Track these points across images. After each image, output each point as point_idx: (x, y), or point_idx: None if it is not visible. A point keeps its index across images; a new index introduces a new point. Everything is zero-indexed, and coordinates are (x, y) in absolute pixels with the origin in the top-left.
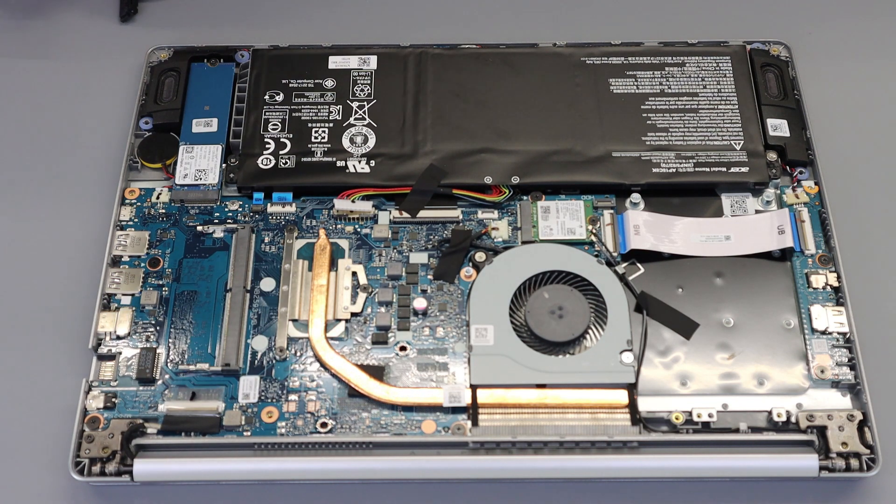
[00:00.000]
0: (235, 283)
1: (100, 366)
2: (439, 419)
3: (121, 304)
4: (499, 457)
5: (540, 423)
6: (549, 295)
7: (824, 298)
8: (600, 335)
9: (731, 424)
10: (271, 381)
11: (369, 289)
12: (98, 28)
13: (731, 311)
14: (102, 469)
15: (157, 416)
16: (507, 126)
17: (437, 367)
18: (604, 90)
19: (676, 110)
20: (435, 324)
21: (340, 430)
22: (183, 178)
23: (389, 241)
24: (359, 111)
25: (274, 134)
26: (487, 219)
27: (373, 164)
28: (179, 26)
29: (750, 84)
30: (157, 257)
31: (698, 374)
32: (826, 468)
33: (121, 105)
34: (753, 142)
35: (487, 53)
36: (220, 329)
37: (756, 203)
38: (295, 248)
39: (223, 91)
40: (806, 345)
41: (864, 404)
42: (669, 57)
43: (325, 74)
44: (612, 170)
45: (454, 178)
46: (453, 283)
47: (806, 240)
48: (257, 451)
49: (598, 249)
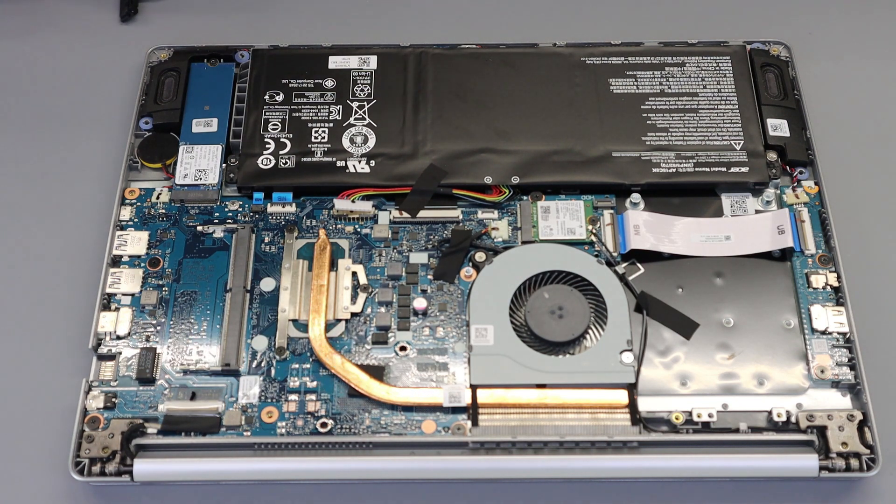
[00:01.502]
0: (235, 283)
1: (100, 366)
2: (439, 419)
3: (121, 304)
4: (499, 457)
5: (540, 423)
6: (549, 295)
7: (824, 298)
8: (600, 335)
9: (731, 424)
10: (271, 381)
11: (369, 289)
12: (98, 28)
13: (731, 311)
14: (102, 469)
15: (157, 416)
16: (507, 126)
17: (437, 367)
18: (604, 90)
19: (676, 110)
20: (435, 324)
21: (340, 430)
22: (183, 178)
23: (389, 241)
24: (359, 111)
25: (274, 134)
26: (487, 219)
27: (373, 164)
28: (179, 26)
29: (750, 84)
30: (157, 257)
31: (698, 374)
32: (826, 468)
33: (121, 105)
34: (753, 142)
35: (487, 53)
36: (220, 329)
37: (756, 203)
38: (295, 248)
39: (223, 91)
40: (806, 345)
41: (864, 404)
42: (669, 57)
43: (325, 74)
44: (612, 170)
45: (454, 178)
46: (453, 283)
47: (806, 240)
48: (257, 451)
49: (598, 249)
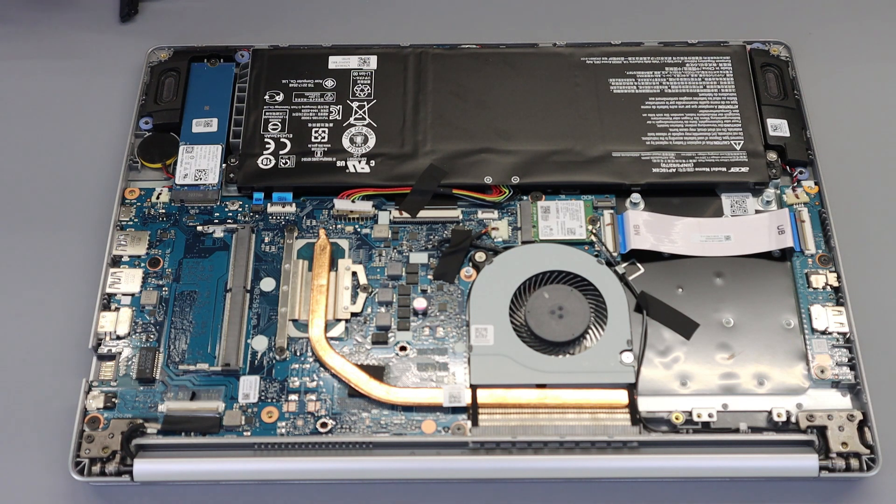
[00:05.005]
0: (235, 283)
1: (100, 366)
2: (439, 419)
3: (121, 304)
4: (499, 457)
5: (540, 423)
6: (549, 295)
7: (824, 298)
8: (600, 335)
9: (731, 424)
10: (271, 381)
11: (369, 289)
12: (98, 28)
13: (731, 311)
14: (102, 469)
15: (157, 416)
16: (507, 126)
17: (437, 367)
18: (604, 90)
19: (676, 110)
20: (435, 324)
21: (340, 430)
22: (183, 178)
23: (389, 241)
24: (359, 111)
25: (274, 134)
26: (487, 219)
27: (373, 164)
28: (179, 26)
29: (750, 84)
30: (157, 257)
31: (698, 374)
32: (826, 468)
33: (121, 105)
34: (753, 142)
35: (487, 53)
36: (220, 329)
37: (756, 203)
38: (295, 248)
39: (223, 91)
40: (806, 345)
41: (864, 404)
42: (669, 57)
43: (325, 74)
44: (612, 170)
45: (454, 178)
46: (453, 283)
47: (806, 240)
48: (257, 451)
49: (598, 249)
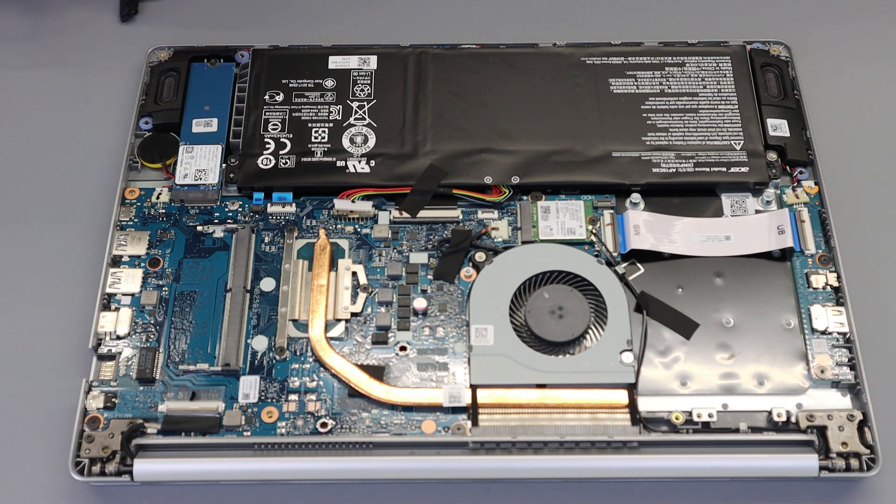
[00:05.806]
0: (235, 283)
1: (100, 366)
2: (439, 419)
3: (121, 304)
4: (499, 457)
5: (540, 423)
6: (549, 295)
7: (824, 298)
8: (600, 335)
9: (731, 424)
10: (271, 381)
11: (369, 289)
12: (98, 28)
13: (731, 311)
14: (102, 469)
15: (157, 416)
16: (507, 126)
17: (437, 367)
18: (604, 90)
19: (676, 110)
20: (435, 324)
21: (340, 430)
22: (183, 178)
23: (389, 241)
24: (359, 111)
25: (274, 134)
26: (487, 219)
27: (373, 164)
28: (179, 26)
29: (750, 84)
30: (157, 257)
31: (698, 374)
32: (826, 468)
33: (121, 105)
34: (753, 142)
35: (487, 53)
36: (220, 329)
37: (756, 203)
38: (295, 248)
39: (223, 91)
40: (806, 345)
41: (864, 404)
42: (669, 57)
43: (325, 74)
44: (612, 170)
45: (454, 178)
46: (453, 283)
47: (806, 240)
48: (257, 451)
49: (598, 249)
